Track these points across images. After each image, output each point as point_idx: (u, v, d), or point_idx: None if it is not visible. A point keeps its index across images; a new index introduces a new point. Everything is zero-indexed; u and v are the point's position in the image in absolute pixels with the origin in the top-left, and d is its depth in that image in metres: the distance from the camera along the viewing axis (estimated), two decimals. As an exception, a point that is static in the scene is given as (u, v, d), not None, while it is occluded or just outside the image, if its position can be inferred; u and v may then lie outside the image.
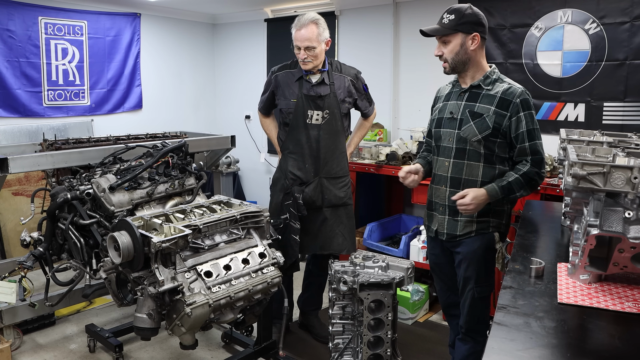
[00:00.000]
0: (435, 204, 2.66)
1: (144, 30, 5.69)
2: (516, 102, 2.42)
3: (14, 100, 4.75)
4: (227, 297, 2.43)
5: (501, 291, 1.41)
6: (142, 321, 2.36)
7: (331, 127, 3.27)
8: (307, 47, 3.10)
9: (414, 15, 4.73)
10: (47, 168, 3.50)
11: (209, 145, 4.58)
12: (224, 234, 2.66)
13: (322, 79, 3.23)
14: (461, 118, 2.51)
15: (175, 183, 3.04)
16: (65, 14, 4.99)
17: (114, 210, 2.79)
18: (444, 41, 2.51)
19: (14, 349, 3.43)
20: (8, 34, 4.64)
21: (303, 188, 3.29)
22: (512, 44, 4.11)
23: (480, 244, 2.48)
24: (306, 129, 3.26)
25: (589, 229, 1.31)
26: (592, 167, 1.27)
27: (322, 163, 3.28)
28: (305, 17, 3.14)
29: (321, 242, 3.36)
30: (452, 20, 2.46)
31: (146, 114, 5.83)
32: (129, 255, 2.32)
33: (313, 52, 3.12)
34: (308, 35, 3.09)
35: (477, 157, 2.48)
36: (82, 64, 5.17)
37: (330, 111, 3.24)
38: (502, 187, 2.35)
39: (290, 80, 3.29)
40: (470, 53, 2.47)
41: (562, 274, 1.55)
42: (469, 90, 2.52)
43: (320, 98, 3.23)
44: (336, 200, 3.33)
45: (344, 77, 3.29)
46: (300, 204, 3.25)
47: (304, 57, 3.13)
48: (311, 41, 3.10)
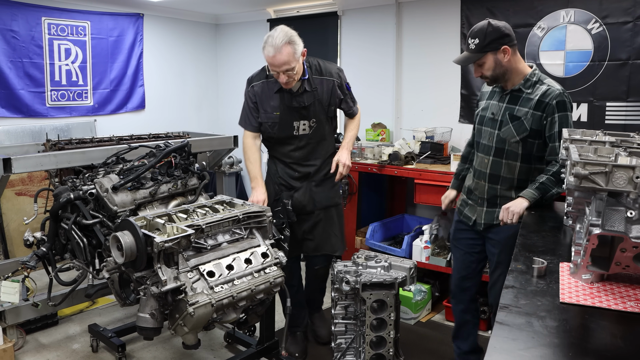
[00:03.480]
0: (474, 195, 2.82)
1: (147, 31, 5.70)
2: (552, 104, 2.50)
3: (17, 101, 4.76)
4: (229, 297, 2.43)
5: (503, 291, 1.41)
6: (144, 321, 2.37)
7: (319, 134, 3.15)
8: (286, 70, 2.85)
9: (416, 15, 4.73)
10: (50, 168, 3.51)
11: (211, 145, 4.59)
12: (226, 234, 2.66)
13: (304, 87, 3.02)
14: (501, 120, 2.63)
15: (178, 183, 3.05)
16: (69, 14, 5.00)
17: (117, 210, 2.80)
18: (478, 64, 2.58)
19: (17, 349, 3.44)
20: (11, 35, 4.66)
21: (292, 193, 3.18)
22: (515, 44, 4.11)
23: (515, 232, 2.46)
24: (294, 140, 3.13)
25: (591, 228, 1.31)
26: (594, 166, 1.27)
27: (314, 171, 3.19)
28: (276, 40, 2.81)
29: (315, 244, 3.26)
30: (477, 43, 2.51)
31: (149, 114, 5.84)
32: (131, 255, 2.32)
33: (293, 72, 2.88)
34: (285, 59, 2.81)
35: (515, 156, 2.61)
36: (85, 64, 5.18)
37: (317, 119, 3.10)
38: (536, 188, 2.48)
39: (269, 92, 3.07)
40: (505, 65, 2.54)
41: (565, 273, 1.55)
42: (510, 93, 2.62)
43: (304, 108, 3.05)
44: (327, 202, 3.23)
45: (326, 80, 3.09)
46: (290, 210, 3.08)
47: (286, 80, 2.90)
48: (290, 63, 2.83)
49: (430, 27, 4.63)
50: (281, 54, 2.80)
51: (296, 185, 3.20)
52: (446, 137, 4.36)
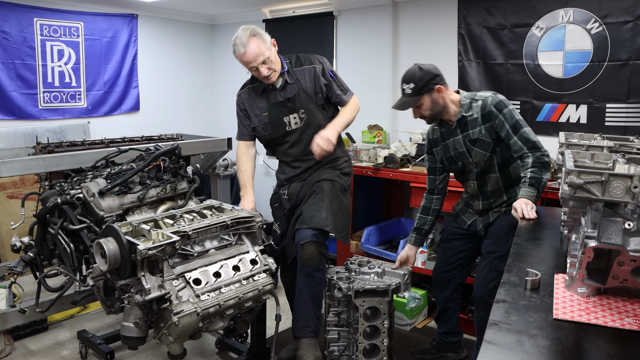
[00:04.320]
0: (471, 209, 3.05)
1: (141, 32, 5.63)
2: (492, 110, 2.72)
3: (9, 103, 4.70)
4: (216, 305, 2.36)
5: (494, 306, 1.33)
6: (128, 330, 2.30)
7: (313, 124, 2.99)
8: (263, 61, 2.84)
9: (413, 15, 4.65)
10: (38, 172, 3.45)
11: (204, 147, 4.52)
12: (214, 240, 2.60)
13: (285, 80, 2.99)
14: (466, 149, 2.85)
15: (167, 187, 2.98)
16: (61, 15, 4.93)
17: (104, 216, 2.73)
18: (416, 106, 2.79)
19: (4, 356, 3.38)
20: (3, 36, 4.59)
21: (289, 184, 3.12)
22: (513, 44, 4.03)
23: (506, 222, 2.74)
24: (288, 136, 3.04)
25: (586, 240, 1.23)
26: (589, 175, 1.20)
27: (313, 164, 3.06)
28: (241, 37, 2.83)
29: (301, 218, 2.90)
30: (413, 87, 2.73)
31: (144, 115, 5.77)
32: (115, 263, 2.26)
33: (270, 61, 2.87)
34: (256, 50, 2.82)
35: (492, 169, 2.84)
36: (78, 66, 5.11)
37: (306, 109, 2.99)
38: (530, 185, 2.52)
39: (255, 96, 3.06)
40: (441, 102, 2.78)
41: (560, 286, 1.47)
42: (458, 124, 2.84)
43: (289, 100, 2.98)
44: (318, 177, 3.02)
45: (307, 68, 3.01)
46: (285, 199, 3.08)
47: (267, 72, 2.87)
48: (263, 53, 2.83)
49: (427, 27, 4.56)
50: (251, 47, 2.81)
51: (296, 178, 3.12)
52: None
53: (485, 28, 4.14)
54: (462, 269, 3.14)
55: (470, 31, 4.23)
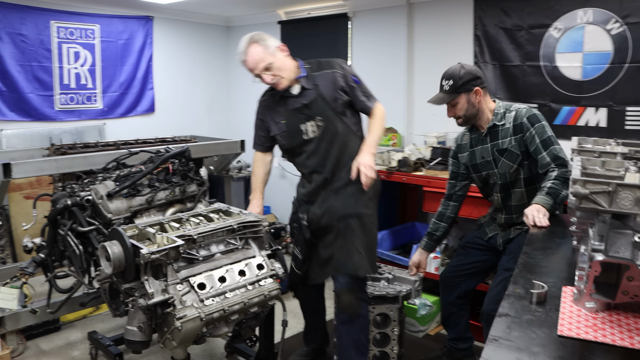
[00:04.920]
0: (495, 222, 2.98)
1: (157, 34, 5.65)
2: (524, 122, 2.68)
3: (26, 104, 4.75)
4: (220, 310, 2.34)
5: (496, 319, 1.28)
6: (132, 334, 2.29)
7: (331, 133, 2.80)
8: (265, 67, 2.73)
9: (428, 16, 4.59)
10: (50, 173, 3.47)
11: (217, 150, 4.52)
12: (220, 244, 2.57)
13: (302, 86, 2.81)
14: (493, 158, 2.79)
15: (176, 190, 2.97)
16: (78, 17, 4.97)
17: (112, 218, 2.73)
18: (452, 104, 2.78)
19: (16, 355, 3.41)
20: (20, 38, 4.64)
21: (308, 207, 2.87)
22: (530, 46, 3.94)
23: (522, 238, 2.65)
24: (305, 145, 2.84)
25: (593, 254, 1.17)
26: (595, 185, 1.14)
27: (330, 177, 2.82)
28: (241, 46, 2.77)
29: (333, 263, 2.78)
30: (451, 85, 2.73)
31: (159, 117, 5.79)
32: (120, 266, 2.25)
33: (274, 67, 2.73)
34: (256, 56, 2.72)
35: (518, 184, 2.77)
36: (94, 68, 5.14)
37: (323, 116, 2.78)
38: (546, 194, 2.44)
39: (274, 102, 2.92)
40: (477, 105, 2.75)
41: (567, 300, 1.41)
42: (488, 132, 2.79)
43: (306, 107, 2.79)
44: (346, 210, 2.78)
45: (326, 73, 2.81)
46: (305, 225, 2.83)
47: (272, 79, 2.76)
48: (264, 59, 2.72)
49: (442, 29, 4.49)
50: (250, 54, 2.74)
51: (314, 197, 2.88)
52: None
53: (501, 29, 4.06)
54: (472, 277, 3.05)
55: (486, 32, 4.15)
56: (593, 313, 1.35)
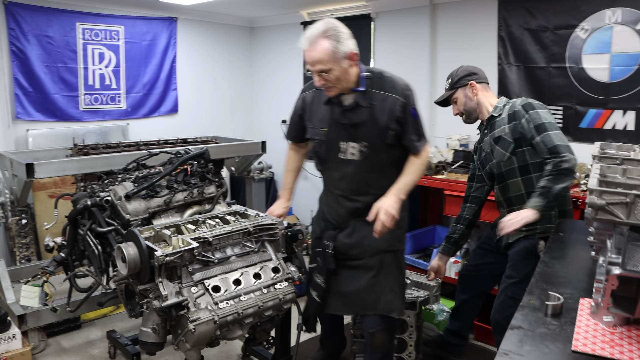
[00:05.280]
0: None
1: (181, 34, 5.70)
2: (519, 110, 2.69)
3: (52, 105, 4.83)
4: (234, 313, 2.33)
5: (507, 332, 1.24)
6: (146, 335, 2.29)
7: (373, 163, 2.47)
8: (320, 70, 2.30)
9: (451, 17, 4.52)
10: (71, 174, 3.52)
11: (238, 151, 4.54)
12: (236, 247, 2.57)
13: (356, 101, 2.42)
14: (491, 149, 2.81)
15: (194, 192, 2.97)
16: (103, 19, 5.04)
17: (130, 219, 2.75)
18: (454, 101, 2.92)
19: (38, 352, 3.46)
20: (47, 40, 4.72)
21: (336, 233, 2.57)
22: (555, 47, 3.84)
23: (523, 247, 2.71)
24: (341, 166, 2.52)
25: (609, 267, 1.13)
26: (612, 195, 1.09)
27: (363, 207, 2.49)
28: (312, 31, 2.30)
29: (364, 301, 2.56)
30: (449, 83, 2.92)
31: (182, 118, 5.84)
32: (135, 268, 2.26)
33: (331, 75, 2.30)
34: (318, 55, 2.27)
35: (513, 173, 2.74)
36: (118, 69, 5.21)
37: (370, 143, 2.43)
38: (539, 195, 2.47)
39: (319, 101, 2.54)
40: (475, 98, 2.83)
41: (584, 312, 1.36)
42: (488, 125, 2.85)
43: (353, 127, 2.43)
44: (381, 245, 2.51)
45: (388, 97, 2.40)
46: (329, 254, 2.54)
47: (321, 83, 2.36)
48: (324, 62, 2.27)
49: (465, 30, 4.42)
50: (314, 48, 2.27)
51: (340, 223, 2.59)
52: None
53: (526, 30, 3.97)
54: (489, 279, 3.06)
55: (511, 33, 4.06)
56: (611, 328, 1.29)
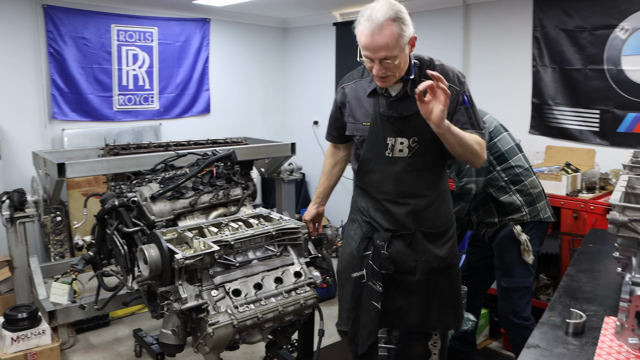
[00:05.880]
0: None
1: (213, 35, 5.74)
2: None
3: (87, 105, 4.93)
4: (254, 317, 2.32)
5: (524, 351, 1.18)
6: (166, 337, 2.31)
7: (423, 161, 2.18)
8: (384, 57, 1.97)
9: (484, 18, 4.42)
10: (101, 174, 3.58)
11: (268, 152, 4.53)
12: (258, 251, 2.56)
13: (405, 90, 2.12)
14: None
15: (220, 193, 2.98)
16: (137, 20, 5.12)
17: (155, 220, 2.77)
18: None
19: (66, 348, 3.53)
20: (83, 42, 4.82)
21: (389, 236, 2.24)
22: (593, 48, 3.70)
23: (502, 236, 2.78)
24: (387, 165, 2.20)
25: (633, 287, 1.06)
26: (635, 212, 1.03)
27: (417, 210, 2.22)
28: (378, 13, 1.94)
29: (408, 317, 2.32)
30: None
31: (214, 118, 5.88)
32: (156, 269, 2.27)
33: (394, 62, 1.99)
34: (385, 41, 1.94)
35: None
36: (151, 69, 5.28)
37: (420, 138, 2.13)
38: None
39: (362, 94, 2.24)
40: None
41: (608, 332, 1.29)
42: None
43: (402, 120, 2.13)
44: (437, 264, 2.25)
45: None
46: (385, 255, 2.21)
47: (382, 72, 2.02)
48: (391, 49, 1.95)
49: (499, 31, 4.31)
50: (381, 33, 1.93)
51: (396, 228, 2.26)
52: (513, 149, 4.03)
53: (562, 31, 3.84)
54: (483, 276, 3.04)
55: (546, 34, 3.94)
56: (636, 350, 1.22)
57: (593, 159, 3.72)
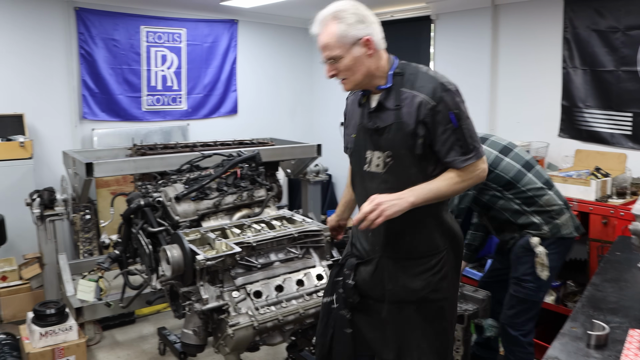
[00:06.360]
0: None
1: (241, 37, 5.78)
2: None
3: (116, 105, 5.01)
4: (275, 319, 2.33)
5: (543, 364, 1.15)
6: (187, 337, 2.33)
7: (398, 178, 1.94)
8: (327, 57, 1.92)
9: (513, 18, 4.34)
10: (128, 173, 3.63)
11: (293, 153, 4.54)
12: (280, 253, 2.56)
13: (380, 101, 1.97)
14: None
15: (244, 195, 2.99)
16: (166, 22, 5.18)
17: (179, 220, 2.80)
18: None
19: (93, 344, 3.60)
20: (113, 43, 4.90)
21: (354, 264, 2.09)
22: (626, 49, 3.59)
23: (519, 245, 2.75)
24: (366, 180, 2.05)
25: (657, 300, 1.02)
26: (661, 223, 0.99)
27: (387, 234, 2.00)
28: (322, 13, 1.92)
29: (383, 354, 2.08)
30: None
31: (241, 119, 5.92)
32: (178, 270, 2.30)
33: (341, 64, 1.91)
34: (325, 40, 1.90)
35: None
36: (179, 70, 5.34)
37: (394, 153, 1.94)
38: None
39: (356, 104, 2.12)
40: None
41: (632, 346, 1.25)
42: None
43: (377, 132, 1.97)
44: (405, 294, 1.99)
45: (417, 97, 1.88)
46: (349, 285, 2.06)
47: (330, 73, 1.96)
48: (331, 48, 1.89)
49: (528, 32, 4.23)
50: (323, 32, 1.91)
51: (365, 254, 2.08)
52: (542, 152, 3.96)
53: (594, 31, 3.75)
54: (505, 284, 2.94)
55: (577, 35, 3.85)
56: (661, 364, 1.18)
57: (624, 164, 3.62)
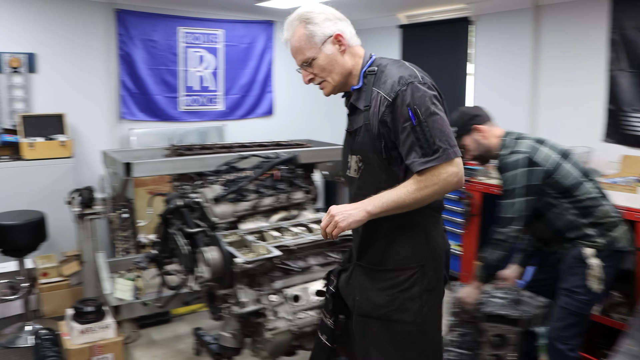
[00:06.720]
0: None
1: (278, 38, 5.78)
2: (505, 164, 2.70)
3: (154, 105, 5.08)
4: (313, 324, 2.29)
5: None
6: (225, 340, 2.33)
7: (372, 184, 1.82)
8: (301, 62, 1.87)
9: (556, 19, 4.21)
10: (166, 174, 3.65)
11: (330, 155, 4.50)
12: (319, 257, 2.53)
13: (351, 103, 1.92)
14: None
15: (282, 197, 2.98)
16: (203, 23, 5.23)
17: (216, 222, 2.80)
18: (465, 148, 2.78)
19: (129, 342, 3.63)
20: (151, 44, 4.97)
21: (339, 269, 2.08)
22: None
23: (571, 255, 2.64)
24: (348, 184, 2.02)
25: None
26: None
27: (361, 242, 1.93)
28: (289, 18, 1.89)
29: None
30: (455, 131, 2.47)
31: (277, 120, 5.93)
32: (216, 273, 2.30)
33: (316, 65, 1.85)
34: (296, 44, 1.85)
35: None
36: (216, 71, 5.38)
37: (364, 157, 1.84)
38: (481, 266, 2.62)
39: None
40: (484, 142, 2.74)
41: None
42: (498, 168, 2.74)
43: (350, 135, 1.92)
44: (370, 308, 1.88)
45: (378, 95, 1.79)
46: (331, 293, 2.06)
47: (308, 78, 1.91)
48: (303, 51, 1.85)
49: (571, 33, 4.10)
50: (292, 37, 1.87)
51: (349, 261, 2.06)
52: (584, 157, 3.83)
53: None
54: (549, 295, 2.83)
55: (625, 36, 3.71)
56: None
57: (674, 170, 3.48)
